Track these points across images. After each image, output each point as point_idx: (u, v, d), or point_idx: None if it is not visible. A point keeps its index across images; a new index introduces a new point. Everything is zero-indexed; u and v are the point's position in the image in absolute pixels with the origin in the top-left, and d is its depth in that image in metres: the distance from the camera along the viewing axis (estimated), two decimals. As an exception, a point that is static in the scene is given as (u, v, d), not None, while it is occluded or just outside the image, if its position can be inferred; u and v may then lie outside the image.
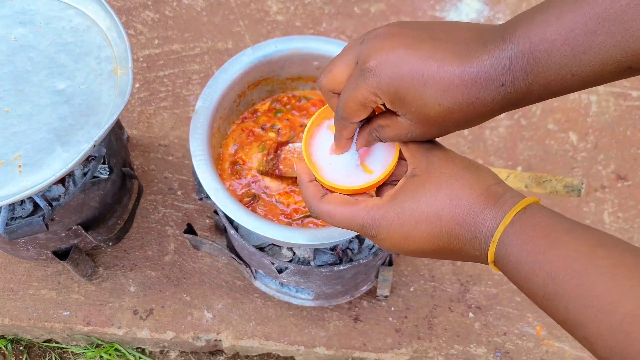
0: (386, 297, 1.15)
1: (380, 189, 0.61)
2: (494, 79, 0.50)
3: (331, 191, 0.61)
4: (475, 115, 0.52)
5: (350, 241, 1.00)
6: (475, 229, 0.52)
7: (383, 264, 1.05)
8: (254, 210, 0.92)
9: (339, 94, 0.57)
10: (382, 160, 0.61)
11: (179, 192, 1.26)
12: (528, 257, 0.48)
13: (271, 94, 1.02)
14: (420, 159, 0.56)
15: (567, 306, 0.45)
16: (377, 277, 1.09)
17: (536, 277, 0.47)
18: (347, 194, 0.60)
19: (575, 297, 0.45)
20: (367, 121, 0.59)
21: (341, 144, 0.61)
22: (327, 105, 0.60)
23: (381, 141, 0.59)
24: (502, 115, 1.33)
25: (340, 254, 1.00)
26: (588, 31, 0.47)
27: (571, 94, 1.38)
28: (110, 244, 1.11)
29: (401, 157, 0.60)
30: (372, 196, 0.60)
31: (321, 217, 0.59)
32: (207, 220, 1.23)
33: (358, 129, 0.60)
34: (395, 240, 0.55)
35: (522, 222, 0.50)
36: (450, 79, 0.50)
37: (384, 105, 0.55)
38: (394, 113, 0.55)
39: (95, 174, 1.04)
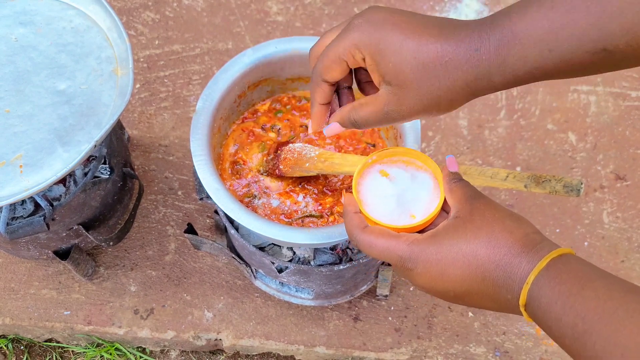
0: (386, 296, 1.15)
1: (419, 233, 0.63)
2: (468, 43, 0.53)
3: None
4: (448, 80, 0.54)
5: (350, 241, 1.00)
6: (511, 271, 0.53)
7: (383, 263, 1.05)
8: (254, 210, 0.92)
9: (326, 81, 0.61)
10: (425, 207, 0.63)
11: (179, 192, 1.26)
12: (560, 298, 0.50)
13: (271, 94, 1.03)
14: (464, 204, 0.58)
15: (595, 345, 0.47)
16: (376, 276, 1.09)
17: (566, 317, 0.49)
18: None
19: (604, 336, 0.46)
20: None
21: (314, 109, 0.63)
22: (382, 150, 0.64)
23: (356, 125, 0.62)
24: (502, 115, 1.34)
25: (340, 254, 1.00)
26: (568, 8, 0.49)
27: (570, 94, 1.38)
28: (111, 243, 1.11)
29: (443, 209, 0.62)
30: None
31: (361, 246, 0.61)
32: (208, 220, 1.23)
33: (338, 107, 0.64)
34: (430, 276, 0.56)
35: (556, 267, 0.51)
36: (428, 35, 0.54)
37: (360, 79, 0.61)
38: (373, 88, 0.60)
39: (96, 174, 1.04)
